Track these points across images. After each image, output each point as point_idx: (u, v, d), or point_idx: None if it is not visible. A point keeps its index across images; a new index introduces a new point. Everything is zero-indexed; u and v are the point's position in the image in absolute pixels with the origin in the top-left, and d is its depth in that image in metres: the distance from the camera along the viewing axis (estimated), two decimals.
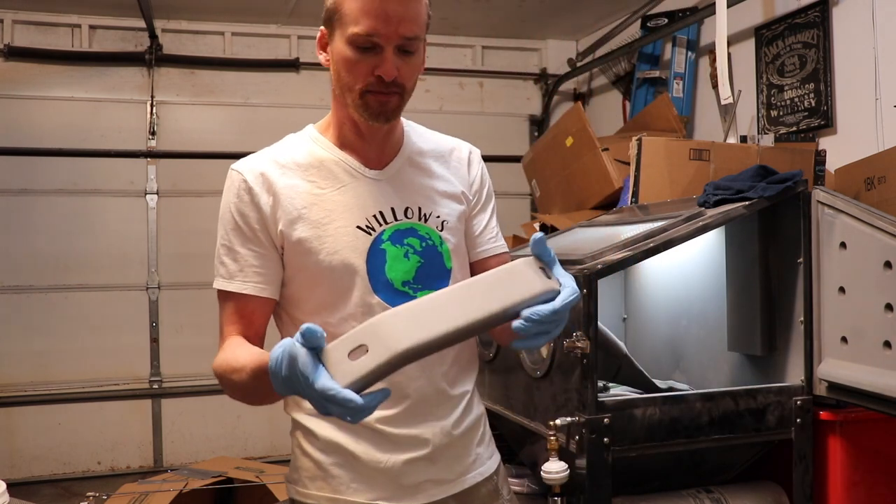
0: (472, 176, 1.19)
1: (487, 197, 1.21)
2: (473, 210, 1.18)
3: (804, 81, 2.55)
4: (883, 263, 1.43)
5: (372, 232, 1.07)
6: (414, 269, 1.08)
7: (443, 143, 1.19)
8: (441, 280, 1.10)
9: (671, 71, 3.22)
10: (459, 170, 1.17)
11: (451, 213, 1.13)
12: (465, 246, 1.17)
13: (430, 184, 1.13)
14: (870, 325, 1.46)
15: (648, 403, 1.49)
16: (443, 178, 1.15)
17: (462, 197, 1.16)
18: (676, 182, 2.18)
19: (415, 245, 1.09)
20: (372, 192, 1.09)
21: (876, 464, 1.62)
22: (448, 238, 1.11)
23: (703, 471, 1.65)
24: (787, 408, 1.58)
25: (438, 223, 1.11)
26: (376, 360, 0.77)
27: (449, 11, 3.78)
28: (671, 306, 1.98)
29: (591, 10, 3.75)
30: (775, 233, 1.68)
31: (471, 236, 1.18)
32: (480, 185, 1.20)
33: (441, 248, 1.10)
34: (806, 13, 2.54)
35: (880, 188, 1.82)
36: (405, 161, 1.13)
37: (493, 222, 1.22)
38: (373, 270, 1.06)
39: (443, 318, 0.81)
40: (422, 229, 1.09)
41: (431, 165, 1.15)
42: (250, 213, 1.06)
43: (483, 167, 1.22)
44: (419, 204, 1.10)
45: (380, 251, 1.06)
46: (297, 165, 1.09)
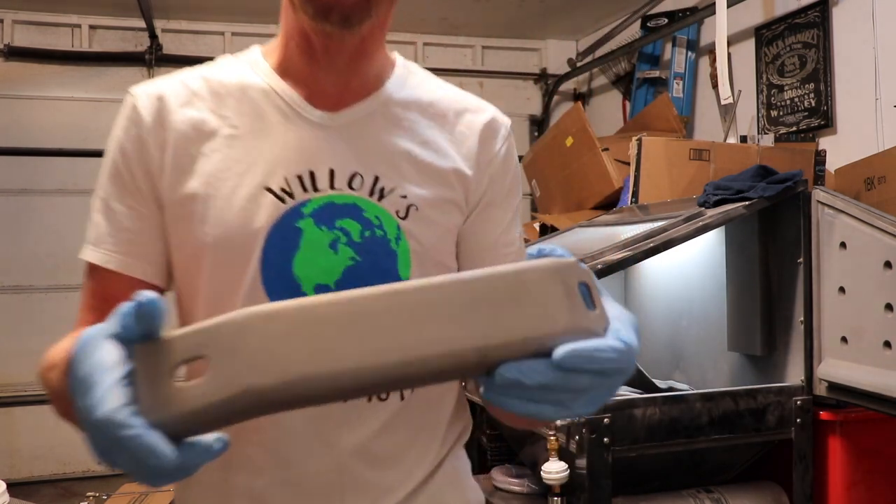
0: (489, 154, 0.80)
1: (510, 192, 0.82)
2: (479, 205, 0.79)
3: (804, 81, 2.56)
4: (883, 263, 1.43)
5: (287, 199, 0.71)
6: (341, 268, 0.71)
7: (452, 98, 0.81)
8: None
9: (671, 71, 3.22)
10: (465, 141, 0.79)
11: (427, 197, 0.75)
12: (447, 255, 0.78)
13: (406, 147, 0.76)
14: (870, 325, 1.46)
15: (648, 403, 1.49)
16: (431, 145, 0.77)
17: (456, 179, 0.77)
18: (676, 182, 2.18)
19: (352, 232, 0.72)
20: (307, 142, 0.73)
21: (876, 464, 1.62)
22: (413, 232, 0.74)
23: (703, 471, 1.65)
24: (787, 408, 1.58)
25: (401, 206, 0.74)
26: (214, 392, 0.42)
27: (449, 11, 3.78)
28: (671, 306, 1.98)
29: (590, 10, 3.75)
30: (775, 233, 1.68)
31: (472, 246, 0.80)
32: (502, 171, 0.80)
33: (395, 246, 0.73)
34: (806, 13, 2.55)
35: (880, 188, 1.82)
36: (377, 108, 0.77)
37: (513, 231, 0.83)
38: (271, 258, 0.70)
39: (368, 342, 0.43)
40: (370, 210, 0.73)
41: (418, 124, 0.78)
42: (134, 153, 0.73)
43: (511, 148, 0.83)
44: (377, 171, 0.74)
45: (292, 231, 0.71)
46: (213, 93, 0.76)
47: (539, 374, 0.43)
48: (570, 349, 0.43)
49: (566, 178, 2.92)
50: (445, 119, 0.80)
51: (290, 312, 0.43)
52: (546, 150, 3.09)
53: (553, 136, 3.04)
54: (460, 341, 0.43)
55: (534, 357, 0.43)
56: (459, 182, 0.78)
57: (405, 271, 0.74)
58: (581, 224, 2.21)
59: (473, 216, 0.80)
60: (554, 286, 0.44)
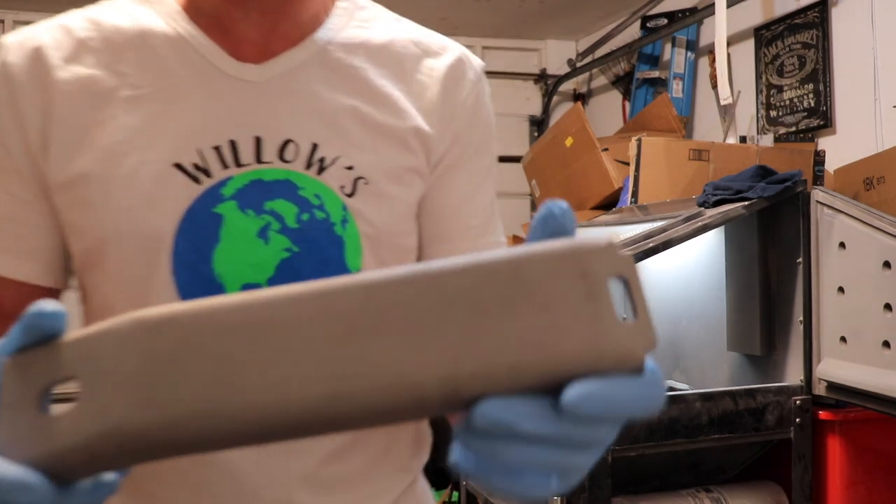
0: (453, 105, 0.64)
1: (479, 149, 0.67)
2: (439, 167, 0.64)
3: (803, 82, 2.56)
4: (882, 263, 1.43)
5: (203, 178, 0.57)
6: (274, 262, 0.58)
7: (409, 39, 0.65)
8: None
9: (671, 71, 3.22)
10: (426, 92, 0.63)
11: (380, 167, 0.61)
12: (407, 237, 0.64)
13: (352, 103, 0.61)
14: (869, 324, 1.46)
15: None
16: (383, 100, 0.62)
17: (417, 140, 0.62)
18: (676, 182, 2.18)
19: (286, 216, 0.58)
20: (226, 103, 0.59)
21: (875, 463, 1.62)
22: (363, 212, 0.60)
23: (702, 470, 1.65)
24: (787, 407, 1.58)
25: (347, 180, 0.59)
26: (78, 429, 0.31)
27: (448, 11, 3.78)
28: (670, 306, 1.98)
29: (590, 10, 3.75)
30: (774, 233, 1.68)
31: (428, 216, 0.65)
32: (469, 124, 0.65)
33: (341, 230, 0.59)
34: (805, 14, 2.55)
35: (879, 188, 1.83)
36: (314, 56, 0.61)
37: (482, 197, 0.67)
38: (185, 254, 0.57)
39: (286, 366, 0.30)
40: (308, 186, 0.59)
41: (367, 73, 0.62)
42: (6, 124, 0.58)
43: (482, 96, 0.68)
44: (315, 137, 0.59)
45: (210, 218, 0.57)
46: (106, 43, 0.59)
47: (534, 419, 0.28)
48: (588, 390, 0.28)
49: (566, 178, 2.93)
50: (402, 66, 0.64)
51: (183, 321, 0.30)
52: (546, 150, 3.09)
53: (553, 136, 3.04)
54: (419, 367, 0.28)
55: (530, 393, 0.28)
56: (420, 144, 0.62)
57: (355, 261, 0.59)
58: (581, 224, 2.21)
59: (433, 180, 0.64)
60: (569, 282, 0.28)
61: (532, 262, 0.29)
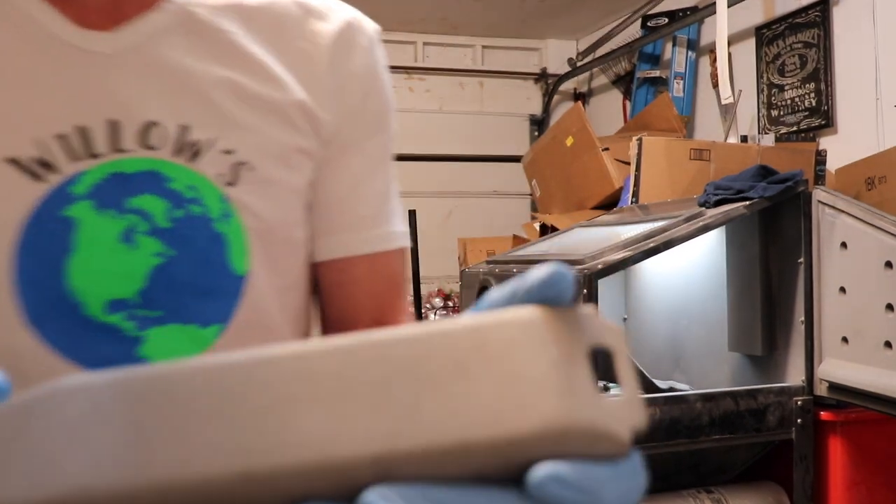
0: (342, 76, 0.56)
1: (374, 127, 0.59)
2: (329, 148, 0.57)
3: (805, 81, 2.55)
4: (884, 263, 1.43)
5: (46, 175, 0.48)
6: (144, 270, 0.49)
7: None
8: (216, 301, 0.51)
9: (671, 71, 3.22)
10: (309, 60, 0.55)
11: (265, 148, 0.53)
12: (299, 226, 0.57)
13: (225, 74, 0.52)
14: (870, 325, 1.46)
15: (649, 404, 1.49)
16: (260, 70, 0.53)
17: (302, 116, 0.54)
18: (677, 182, 2.17)
19: (154, 214, 0.50)
20: (71, 81, 0.49)
21: (877, 464, 1.62)
22: (247, 203, 0.52)
23: (703, 471, 1.64)
24: (788, 408, 1.58)
25: (226, 166, 0.51)
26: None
27: (449, 11, 3.78)
28: (671, 306, 1.98)
29: (591, 9, 3.74)
30: (776, 233, 1.68)
31: (321, 207, 0.58)
32: (362, 98, 0.57)
33: (223, 226, 0.51)
34: (806, 13, 2.54)
35: (881, 188, 1.82)
36: (175, 20, 0.52)
37: (376, 182, 0.60)
38: (31, 269, 0.48)
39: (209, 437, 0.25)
40: (179, 177, 0.50)
41: (239, 38, 0.53)
42: None
43: (377, 65, 0.59)
44: (184, 117, 0.51)
45: (59, 223, 0.48)
46: None
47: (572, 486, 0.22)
48: (556, 472, 0.22)
49: (566, 178, 2.92)
50: (281, 30, 0.55)
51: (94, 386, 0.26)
52: (546, 149, 3.08)
53: (553, 135, 3.03)
54: (349, 442, 0.24)
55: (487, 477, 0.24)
56: (307, 120, 0.54)
57: (240, 262, 0.51)
58: (581, 224, 2.21)
59: (322, 164, 0.57)
60: (538, 350, 0.24)
61: (497, 329, 0.24)
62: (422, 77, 4.10)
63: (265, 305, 0.54)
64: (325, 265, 0.59)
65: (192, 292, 0.50)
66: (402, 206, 0.64)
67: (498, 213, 3.96)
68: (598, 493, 0.23)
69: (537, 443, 0.23)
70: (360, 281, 0.59)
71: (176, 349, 0.50)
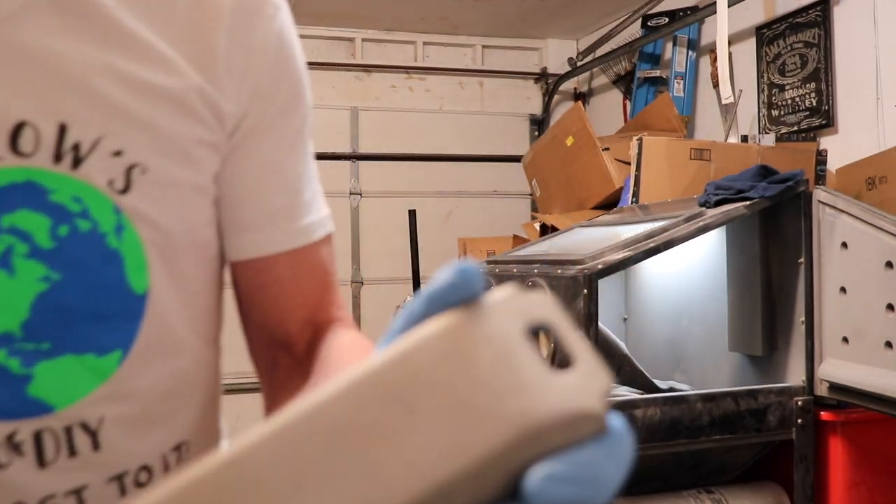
0: (246, 52, 0.49)
1: (286, 106, 0.52)
2: (235, 134, 0.50)
3: (805, 81, 2.55)
4: (884, 263, 1.43)
5: None
6: (28, 299, 0.43)
7: None
8: (114, 326, 0.46)
9: (672, 70, 3.21)
10: (206, 36, 0.48)
11: (161, 144, 0.46)
12: (206, 226, 0.51)
13: (105, 59, 0.44)
14: (871, 325, 1.46)
15: (649, 404, 1.49)
16: (148, 52, 0.46)
17: (202, 103, 0.47)
18: (677, 182, 2.17)
19: (34, 233, 0.43)
20: None
21: (877, 464, 1.62)
22: (143, 213, 0.46)
23: (703, 471, 1.64)
24: (788, 408, 1.58)
25: (117, 171, 0.45)
26: None
27: (448, 11, 3.78)
28: (672, 306, 1.98)
29: (591, 9, 3.74)
30: (776, 233, 1.67)
31: (229, 200, 0.52)
32: (271, 75, 0.51)
33: (116, 241, 0.45)
34: (807, 12, 2.54)
35: (881, 188, 1.82)
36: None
37: (293, 166, 0.54)
38: None
39: None
40: (61, 187, 0.43)
41: (118, 13, 0.45)
42: None
43: (285, 36, 0.52)
44: (61, 115, 0.43)
45: None
46: None
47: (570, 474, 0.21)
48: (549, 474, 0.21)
49: (566, 178, 2.92)
50: (168, 2, 0.46)
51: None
52: (546, 149, 3.08)
53: (553, 135, 3.03)
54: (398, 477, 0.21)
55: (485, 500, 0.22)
56: (208, 107, 0.47)
57: (139, 280, 0.45)
58: (581, 224, 2.20)
59: (228, 153, 0.50)
60: (473, 356, 0.22)
61: (422, 351, 0.22)
62: (422, 77, 4.09)
63: (169, 322, 0.48)
64: (242, 265, 0.53)
65: (85, 319, 0.44)
66: (321, 188, 0.57)
67: (498, 213, 3.95)
68: (598, 477, 0.21)
69: (515, 451, 0.21)
70: (282, 280, 0.54)
71: (71, 383, 0.44)
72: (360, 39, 3.89)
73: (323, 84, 3.83)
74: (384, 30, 3.94)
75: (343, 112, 3.82)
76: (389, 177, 3.71)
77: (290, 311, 0.55)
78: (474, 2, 3.67)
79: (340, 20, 3.78)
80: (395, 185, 3.68)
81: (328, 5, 3.54)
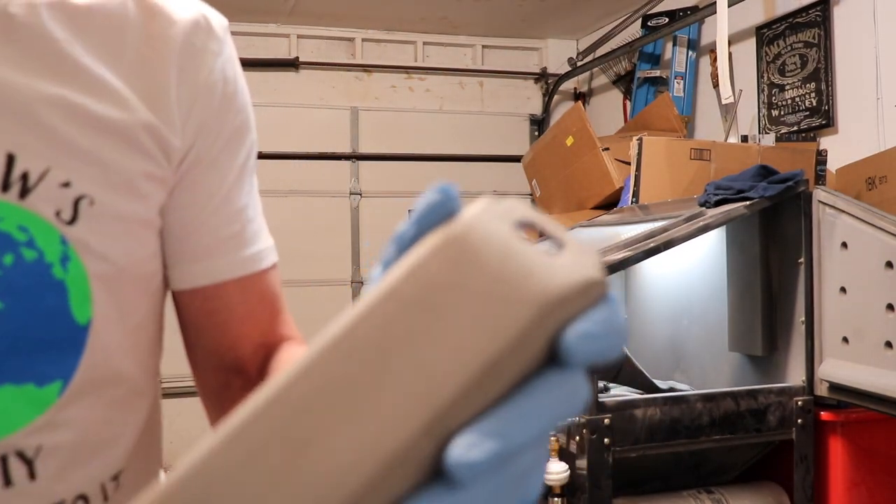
0: (194, 84, 0.50)
1: (232, 138, 0.54)
2: (185, 166, 0.51)
3: (805, 81, 2.55)
4: (884, 263, 1.43)
5: None
6: None
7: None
8: (56, 356, 0.46)
9: (672, 70, 3.21)
10: (153, 70, 0.48)
11: (109, 178, 0.46)
12: (151, 260, 0.51)
13: (53, 91, 0.45)
14: (871, 325, 1.46)
15: (649, 404, 1.49)
16: (97, 85, 0.46)
17: (149, 137, 0.48)
18: (677, 182, 2.17)
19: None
20: None
21: (877, 464, 1.62)
22: (90, 245, 0.46)
23: (703, 471, 1.64)
24: (788, 408, 1.58)
25: (65, 202, 0.45)
26: None
27: (448, 11, 3.78)
28: (672, 306, 1.98)
29: (591, 9, 3.74)
30: (776, 233, 1.67)
31: (177, 232, 0.53)
32: (219, 108, 0.52)
33: (61, 273, 0.45)
34: (807, 12, 2.54)
35: (881, 188, 1.82)
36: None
37: (240, 199, 0.55)
38: None
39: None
40: (8, 216, 0.44)
41: (68, 45, 0.46)
42: None
43: (230, 67, 0.53)
44: (9, 145, 0.44)
45: None
46: None
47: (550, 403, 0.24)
48: (583, 332, 0.23)
49: (566, 178, 2.92)
50: (116, 34, 0.47)
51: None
52: (546, 149, 3.08)
53: (553, 135, 3.03)
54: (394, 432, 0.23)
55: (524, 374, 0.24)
56: (154, 143, 0.48)
57: (83, 311, 0.46)
58: (581, 224, 2.20)
59: (174, 187, 0.51)
60: (481, 255, 0.24)
61: (433, 259, 0.24)
62: (422, 77, 4.09)
63: (110, 353, 0.49)
64: (190, 294, 0.54)
65: (27, 348, 0.44)
66: (264, 219, 0.58)
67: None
68: (616, 329, 0.24)
69: (542, 324, 0.24)
70: (233, 307, 0.55)
71: (9, 413, 0.45)
72: (360, 39, 3.89)
73: (323, 84, 3.83)
74: (384, 30, 3.94)
75: (343, 112, 3.82)
76: (389, 177, 3.72)
77: (242, 336, 0.56)
78: (474, 2, 3.68)
79: (340, 20, 3.78)
80: (396, 185, 3.68)
81: (328, 5, 3.55)
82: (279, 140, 3.55)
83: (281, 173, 3.54)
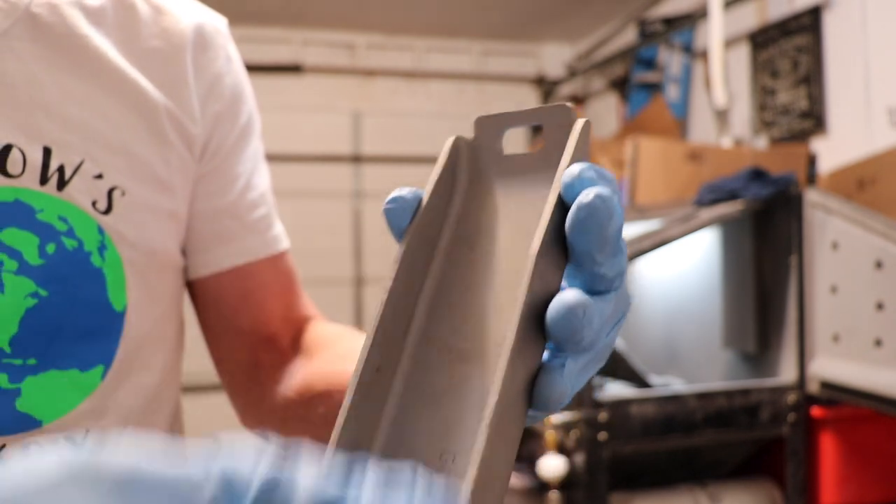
0: (208, 78, 0.53)
1: (245, 129, 0.57)
2: (203, 158, 0.53)
3: (797, 85, 2.59)
4: (874, 263, 1.46)
5: None
6: (18, 314, 0.44)
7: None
8: (97, 342, 0.47)
9: (667, 75, 3.25)
10: (166, 61, 0.51)
11: (138, 169, 0.49)
12: (176, 249, 0.53)
13: (84, 88, 0.47)
14: (861, 323, 1.49)
15: (644, 400, 1.52)
16: (121, 79, 0.48)
17: (172, 127, 0.51)
18: (672, 183, 2.21)
19: (24, 251, 0.44)
20: None
21: (867, 459, 1.65)
22: (124, 233, 0.48)
23: (698, 466, 1.67)
24: (780, 405, 1.61)
25: (100, 193, 0.47)
26: None
27: (449, 16, 3.82)
28: (666, 304, 2.01)
29: (587, 15, 3.78)
30: (768, 233, 1.71)
31: (204, 218, 0.54)
32: (230, 100, 0.55)
33: (100, 261, 0.47)
34: (799, 19, 2.58)
35: (871, 190, 1.85)
36: (17, 23, 0.45)
37: (258, 186, 0.57)
38: None
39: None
40: (48, 207, 0.45)
41: (92, 42, 0.47)
42: None
43: (234, 63, 0.56)
44: (45, 139, 0.45)
45: None
46: None
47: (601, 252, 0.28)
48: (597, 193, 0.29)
49: None
50: (131, 29, 0.49)
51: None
52: None
53: None
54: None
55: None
56: (178, 132, 0.50)
57: (119, 298, 0.47)
58: None
59: (200, 176, 0.53)
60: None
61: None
62: (422, 81, 4.13)
63: (142, 341, 0.50)
64: (227, 274, 0.56)
65: (69, 335, 0.46)
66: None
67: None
68: (605, 173, 0.31)
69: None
70: (268, 284, 0.57)
71: (57, 398, 0.46)
72: (361, 44, 3.92)
73: (325, 89, 3.86)
74: (384, 34, 3.98)
75: (345, 116, 3.85)
76: (392, 179, 3.74)
77: (274, 311, 0.58)
78: (473, 7, 3.71)
79: (342, 25, 3.81)
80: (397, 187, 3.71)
81: (330, 11, 3.58)
82: (282, 143, 3.58)
83: (284, 176, 3.57)
